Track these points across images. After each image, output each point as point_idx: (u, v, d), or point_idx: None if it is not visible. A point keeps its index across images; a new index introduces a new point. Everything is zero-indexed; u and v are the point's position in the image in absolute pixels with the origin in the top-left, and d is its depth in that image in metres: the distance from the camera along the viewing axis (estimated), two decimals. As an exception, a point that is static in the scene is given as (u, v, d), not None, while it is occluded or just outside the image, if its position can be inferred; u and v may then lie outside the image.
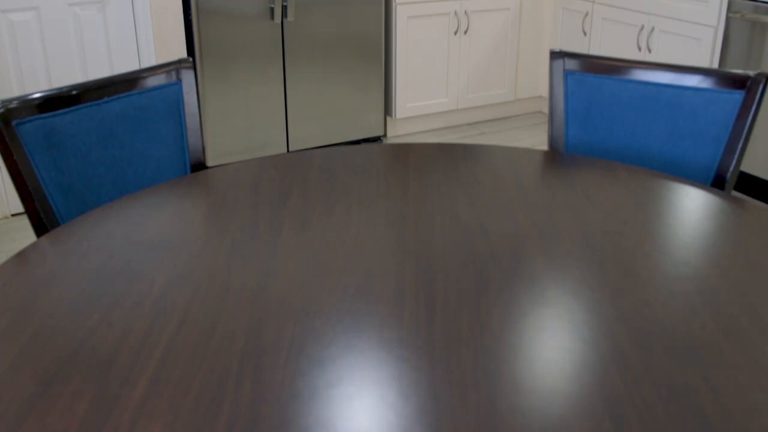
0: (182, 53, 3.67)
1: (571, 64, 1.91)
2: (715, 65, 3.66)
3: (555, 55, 1.92)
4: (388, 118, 4.43)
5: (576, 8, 4.42)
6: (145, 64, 3.61)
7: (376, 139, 4.28)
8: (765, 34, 3.39)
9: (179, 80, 1.91)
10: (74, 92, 1.74)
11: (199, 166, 1.95)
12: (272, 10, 3.74)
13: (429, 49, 4.31)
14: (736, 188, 3.76)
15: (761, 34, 3.41)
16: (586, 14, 4.34)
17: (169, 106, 1.91)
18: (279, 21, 3.77)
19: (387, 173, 1.68)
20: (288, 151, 4.03)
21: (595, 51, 4.33)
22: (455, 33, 4.35)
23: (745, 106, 1.78)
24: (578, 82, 1.91)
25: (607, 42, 4.24)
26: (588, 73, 1.90)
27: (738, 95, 1.79)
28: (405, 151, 1.80)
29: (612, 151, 1.91)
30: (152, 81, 1.88)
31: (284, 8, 3.76)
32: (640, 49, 4.03)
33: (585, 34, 4.38)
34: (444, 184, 1.61)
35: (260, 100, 3.86)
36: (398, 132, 4.48)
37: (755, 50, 3.44)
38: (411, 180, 1.64)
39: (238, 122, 3.84)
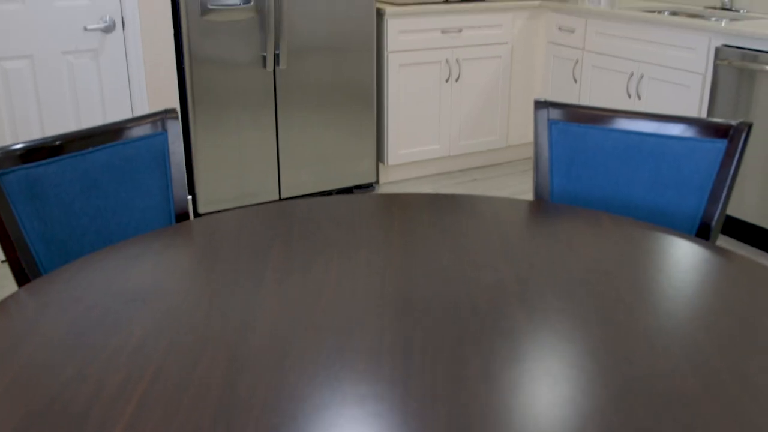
0: (175, 101, 3.69)
1: (555, 114, 1.92)
2: (704, 111, 3.68)
3: (539, 104, 1.93)
4: (380, 165, 4.44)
5: (566, 56, 4.47)
6: (138, 113, 3.63)
7: (368, 186, 4.29)
8: (753, 80, 3.42)
9: (165, 130, 1.92)
10: (58, 143, 1.74)
11: (183, 216, 1.95)
12: (264, 58, 3.77)
13: (421, 97, 4.35)
14: (727, 233, 3.76)
15: (749, 81, 3.44)
16: (576, 62, 4.38)
17: (155, 157, 1.91)
18: (271, 69, 3.80)
19: (370, 224, 1.67)
20: (280, 197, 4.03)
21: (585, 98, 4.37)
22: (447, 81, 4.38)
23: (728, 155, 1.79)
24: (562, 132, 1.92)
25: (598, 89, 4.28)
26: (572, 123, 1.91)
27: (721, 144, 1.80)
28: (389, 201, 1.80)
29: (597, 199, 1.91)
30: (138, 131, 1.89)
31: (276, 57, 3.79)
32: (629, 95, 4.07)
33: (575, 81, 4.42)
34: (427, 235, 1.61)
35: (252, 147, 3.88)
36: (391, 179, 4.50)
37: (743, 96, 3.46)
38: (394, 230, 1.64)
39: (230, 169, 3.85)
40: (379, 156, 4.42)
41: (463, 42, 4.36)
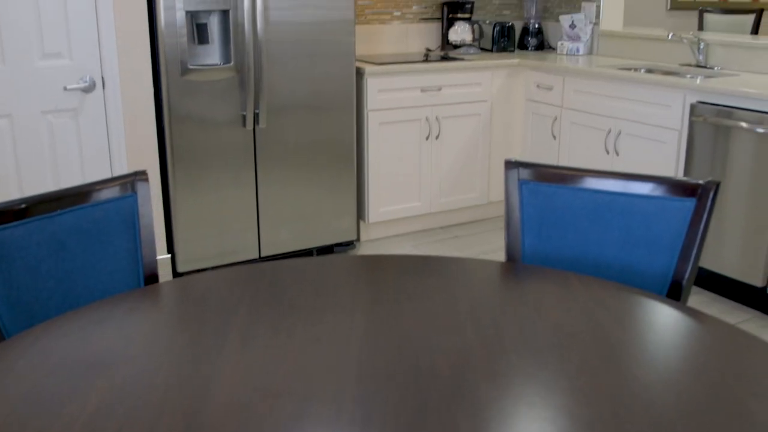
0: (154, 160, 3.69)
1: (525, 174, 1.93)
2: (681, 167, 3.71)
3: (509, 164, 1.93)
4: (361, 223, 4.44)
5: (545, 113, 4.51)
6: (117, 172, 3.63)
7: (349, 244, 4.28)
8: (728, 136, 3.45)
9: (134, 192, 1.91)
10: (24, 206, 1.73)
11: (152, 278, 1.93)
12: (244, 117, 3.79)
13: (401, 154, 4.37)
14: (706, 288, 3.76)
15: (725, 137, 3.47)
16: (555, 119, 4.42)
17: (124, 219, 1.90)
18: (251, 128, 3.82)
19: (338, 287, 1.66)
20: (260, 255, 4.01)
21: (564, 154, 4.40)
22: (427, 138, 4.41)
23: (697, 214, 1.79)
24: (533, 192, 1.92)
25: (576, 145, 4.31)
26: (542, 183, 1.91)
27: (690, 203, 1.80)
28: (358, 263, 1.79)
29: (567, 259, 1.91)
30: (107, 193, 1.88)
31: (256, 116, 3.81)
32: (608, 152, 4.10)
33: (554, 137, 4.45)
34: (393, 299, 1.60)
35: (232, 205, 3.87)
36: (371, 236, 4.49)
37: (720, 152, 3.50)
38: (361, 294, 1.62)
39: (209, 228, 3.84)
40: (360, 214, 4.42)
41: (443, 100, 4.40)
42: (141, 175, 1.91)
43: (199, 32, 3.70)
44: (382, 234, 4.52)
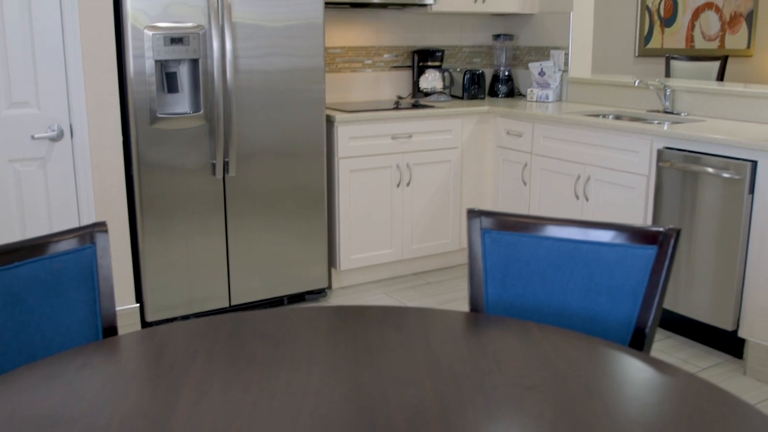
0: (123, 208, 3.66)
1: (488, 223, 1.92)
2: (650, 212, 3.74)
3: (472, 213, 1.93)
4: (333, 270, 4.42)
5: (515, 159, 4.54)
6: (85, 220, 3.59)
7: (320, 292, 4.25)
8: (696, 181, 3.48)
9: (93, 244, 1.88)
10: (-22, 259, 1.70)
11: (111, 330, 1.89)
12: (214, 165, 3.78)
13: (373, 201, 4.37)
14: (677, 332, 3.76)
15: (693, 182, 3.50)
16: (525, 165, 4.45)
17: (82, 271, 1.87)
18: (221, 176, 3.80)
19: (295, 339, 1.63)
20: (230, 304, 3.97)
21: (535, 200, 4.42)
22: (398, 185, 4.42)
23: (658, 261, 1.79)
24: (495, 241, 1.92)
25: (547, 192, 4.34)
26: (504, 231, 1.91)
27: (651, 250, 1.80)
28: (318, 315, 1.77)
29: (531, 308, 1.90)
30: (65, 245, 1.85)
31: (226, 164, 3.80)
32: (577, 197, 4.12)
33: (525, 184, 4.48)
34: (352, 351, 1.58)
35: (202, 253, 3.84)
36: (343, 284, 4.46)
37: (688, 197, 3.52)
38: (318, 346, 1.60)
39: (179, 276, 3.80)
40: (331, 261, 4.40)
41: (414, 147, 4.42)
42: (100, 227, 1.89)
43: (168, 81, 3.71)
44: (354, 281, 4.50)
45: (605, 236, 1.85)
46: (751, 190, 3.30)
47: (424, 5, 4.62)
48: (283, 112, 3.92)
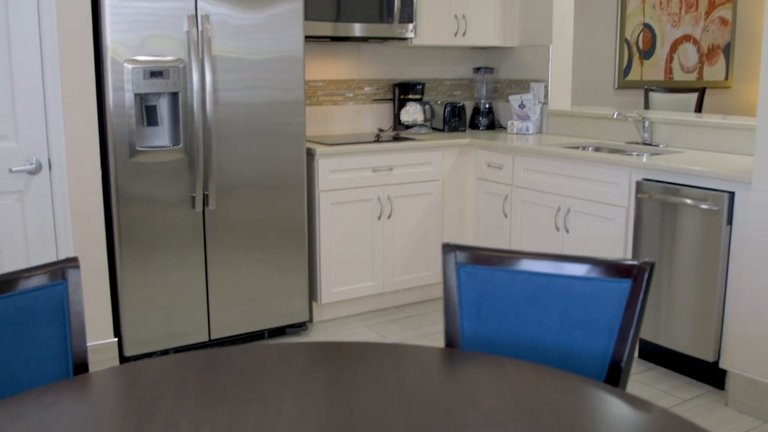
0: (101, 241, 3.64)
1: (462, 257, 1.92)
2: (630, 244, 3.75)
3: (446, 248, 1.93)
4: (313, 303, 4.39)
5: (496, 192, 4.55)
6: (63, 254, 3.56)
7: (301, 326, 4.22)
8: (675, 212, 3.50)
9: (64, 279, 1.86)
10: (-55, 296, 1.67)
11: (82, 367, 1.87)
12: (193, 198, 3.77)
13: (354, 234, 4.36)
14: (659, 363, 3.75)
15: (672, 213, 3.52)
16: (506, 197, 4.46)
17: (53, 307, 1.85)
18: (200, 209, 3.79)
19: (267, 377, 1.61)
20: (210, 338, 3.94)
21: (516, 233, 4.42)
22: (379, 218, 4.41)
23: (633, 295, 1.79)
24: (470, 275, 1.91)
25: (527, 223, 4.35)
26: (479, 266, 1.91)
27: (626, 284, 1.80)
28: (292, 351, 1.75)
29: (507, 343, 1.89)
30: (36, 281, 1.83)
31: (205, 197, 3.79)
32: (558, 229, 4.13)
33: (506, 216, 4.48)
34: (323, 388, 1.56)
35: (181, 287, 3.81)
36: (324, 317, 4.44)
37: (668, 228, 3.54)
38: (290, 384, 1.58)
39: (158, 310, 3.77)
40: (312, 294, 4.38)
41: (395, 180, 4.43)
42: (71, 262, 1.87)
43: (148, 114, 3.70)
44: (335, 314, 4.47)
45: (580, 270, 1.85)
46: (729, 221, 3.32)
47: (405, 39, 4.65)
48: (264, 145, 3.92)
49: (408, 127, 4.95)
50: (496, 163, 4.52)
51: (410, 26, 4.61)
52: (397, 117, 5.01)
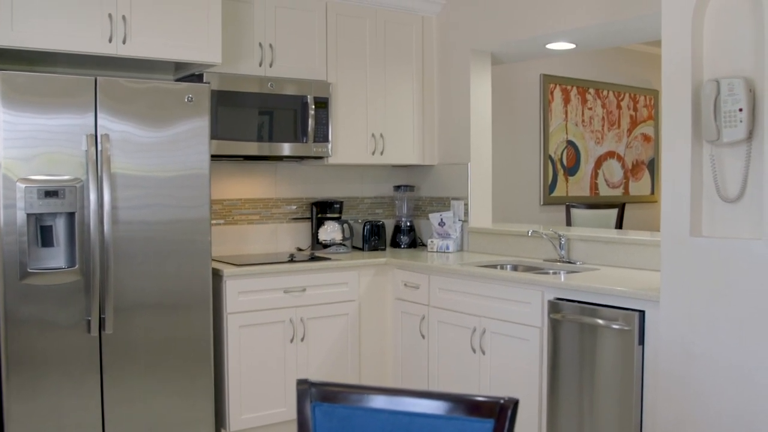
0: (-13, 370, 3.42)
1: (318, 395, 1.78)
2: (545, 365, 3.63)
3: (301, 384, 1.79)
4: (222, 431, 4.17)
5: (413, 311, 4.44)
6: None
7: (205, 455, 3.98)
8: (591, 333, 3.41)
9: None
10: None
11: None
12: (89, 322, 3.59)
13: (265, 357, 4.18)
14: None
15: (588, 333, 3.43)
16: (423, 317, 4.35)
17: None
18: (96, 333, 3.61)
19: None
20: (104, 473, 3.68)
21: (433, 354, 4.29)
22: (291, 341, 4.26)
23: (496, 436, 1.66)
24: (326, 414, 1.77)
25: (444, 345, 4.22)
26: (337, 404, 1.77)
27: (488, 424, 1.68)
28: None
29: (363, 490, 1.74)
30: None
31: (102, 320, 3.61)
32: (474, 351, 4.01)
33: (423, 336, 4.36)
34: None
35: (74, 417, 3.58)
36: (232, 445, 4.21)
37: (587, 348, 3.44)
38: None
39: (47, 443, 3.52)
40: (220, 422, 4.15)
41: (308, 301, 4.30)
42: None
43: (43, 235, 3.56)
44: (245, 443, 4.24)
45: (441, 408, 1.72)
46: (641, 341, 3.24)
47: (320, 158, 4.62)
48: (166, 264, 3.78)
49: (326, 246, 4.86)
50: (413, 282, 4.42)
51: (326, 145, 4.58)
52: (315, 236, 4.92)
